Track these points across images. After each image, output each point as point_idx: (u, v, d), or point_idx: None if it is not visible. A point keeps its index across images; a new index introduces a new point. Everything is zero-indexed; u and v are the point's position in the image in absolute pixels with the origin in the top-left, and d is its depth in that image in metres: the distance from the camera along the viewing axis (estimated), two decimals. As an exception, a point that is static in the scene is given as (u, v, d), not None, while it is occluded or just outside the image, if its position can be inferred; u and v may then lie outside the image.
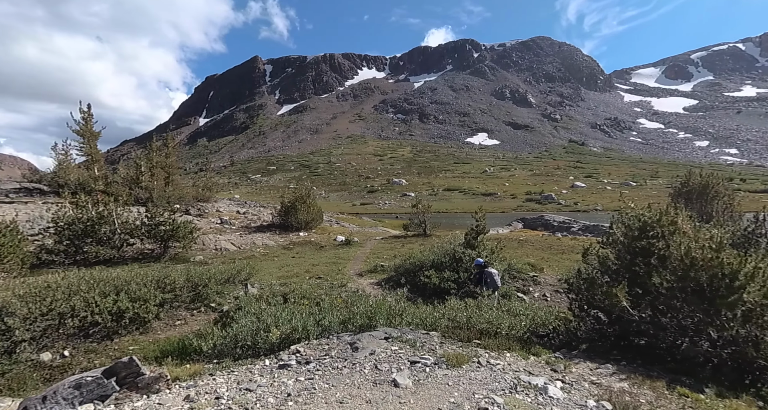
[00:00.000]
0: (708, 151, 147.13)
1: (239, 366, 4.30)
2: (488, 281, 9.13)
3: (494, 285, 9.14)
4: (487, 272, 9.26)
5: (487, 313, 6.33)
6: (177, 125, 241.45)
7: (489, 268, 9.43)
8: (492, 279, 9.13)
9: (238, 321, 5.87)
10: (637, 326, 6.17)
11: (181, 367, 4.28)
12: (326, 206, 69.66)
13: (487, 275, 9.18)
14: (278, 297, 8.61)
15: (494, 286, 9.14)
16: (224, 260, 14.54)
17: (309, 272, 13.30)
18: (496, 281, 9.18)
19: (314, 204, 22.23)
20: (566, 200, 69.67)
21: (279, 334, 5.10)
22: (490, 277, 9.14)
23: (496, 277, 9.19)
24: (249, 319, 5.72)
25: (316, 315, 6.09)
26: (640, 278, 6.57)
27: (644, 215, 7.02)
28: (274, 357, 4.65)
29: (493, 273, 9.22)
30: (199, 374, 4.02)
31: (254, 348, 5.10)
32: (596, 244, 8.22)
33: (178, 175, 23.78)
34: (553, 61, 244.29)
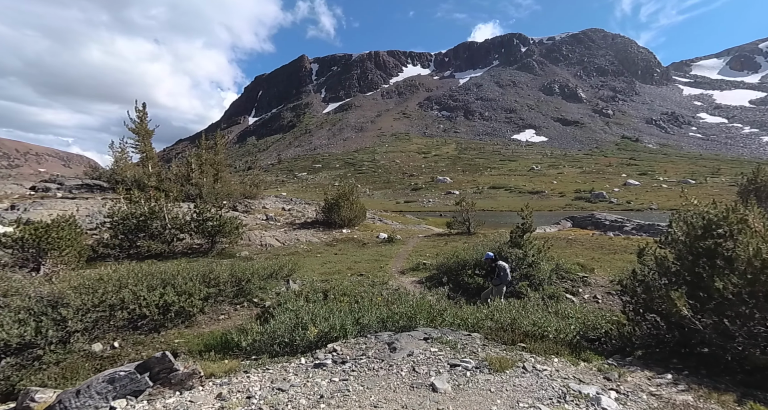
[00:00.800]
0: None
1: (275, 364, 4.21)
2: (501, 275, 8.94)
3: (505, 279, 8.96)
4: (499, 265, 9.06)
5: (533, 315, 5.92)
6: (228, 124, 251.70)
7: (500, 261, 9.24)
8: (504, 272, 8.96)
9: (276, 318, 5.82)
10: (699, 334, 5.56)
11: (218, 363, 4.26)
12: (370, 203, 70.14)
13: (500, 268, 8.99)
14: (318, 294, 8.57)
15: (505, 280, 8.97)
16: (268, 256, 14.81)
17: (351, 269, 13.25)
18: (507, 275, 9.00)
19: (357, 201, 22.26)
20: (618, 198, 65.99)
21: (317, 332, 4.99)
22: (503, 270, 8.96)
23: (508, 270, 9.02)
24: (287, 316, 5.66)
25: (355, 312, 5.94)
26: (704, 281, 5.92)
27: (709, 212, 6.32)
28: (311, 355, 4.53)
29: (504, 267, 9.03)
30: (234, 371, 3.97)
31: (291, 345, 5.01)
32: (653, 243, 7.56)
33: (227, 172, 24.58)
34: (605, 54, 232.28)
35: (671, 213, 8.07)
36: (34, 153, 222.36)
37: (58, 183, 20.65)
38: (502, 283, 8.94)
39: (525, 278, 9.83)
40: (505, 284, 8.98)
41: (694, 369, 5.26)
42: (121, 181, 19.69)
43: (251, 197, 28.06)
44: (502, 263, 9.15)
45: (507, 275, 8.98)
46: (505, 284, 8.99)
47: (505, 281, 8.96)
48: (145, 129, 19.97)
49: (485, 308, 6.61)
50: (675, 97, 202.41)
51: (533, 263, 10.15)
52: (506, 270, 8.98)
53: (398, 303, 6.15)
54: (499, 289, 8.95)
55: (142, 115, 19.81)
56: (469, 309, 6.71)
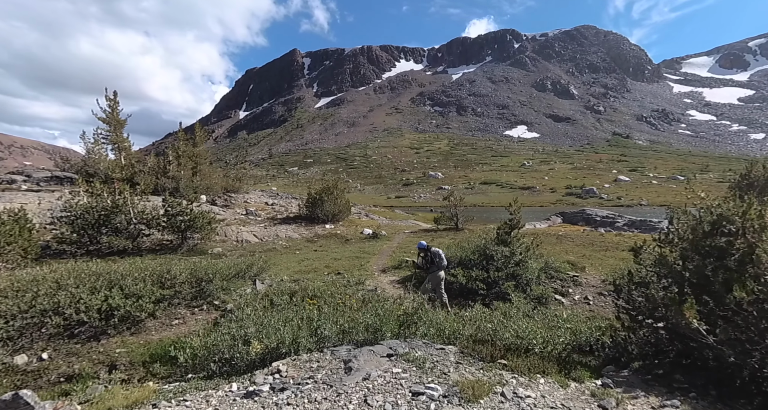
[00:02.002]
0: (764, 144, 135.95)
1: (197, 393, 3.43)
2: (436, 261, 8.87)
3: (441, 264, 8.85)
4: (433, 251, 9.01)
5: (518, 323, 5.19)
6: (218, 118, 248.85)
7: (434, 248, 9.14)
8: (439, 258, 8.87)
9: (220, 328, 5.03)
10: (710, 350, 4.89)
11: (126, 391, 3.47)
12: (361, 199, 69.57)
13: (434, 254, 8.94)
14: (285, 296, 7.79)
15: (441, 265, 8.85)
16: (243, 253, 13.99)
17: (329, 267, 12.49)
18: (443, 259, 8.89)
19: (342, 195, 21.45)
20: (609, 194, 65.90)
21: (260, 349, 4.21)
22: (438, 256, 8.89)
23: (442, 255, 8.92)
24: (232, 327, 4.86)
25: (315, 320, 5.18)
26: (713, 286, 5.25)
27: (721, 206, 5.64)
28: (248, 379, 3.76)
29: (438, 252, 8.95)
30: (139, 404, 3.18)
31: (231, 363, 4.23)
32: (652, 241, 6.89)
33: (207, 165, 23.62)
34: (597, 51, 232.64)
35: (666, 209, 7.48)
36: (19, 146, 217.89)
37: (25, 175, 19.60)
38: (438, 269, 8.82)
39: (512, 278, 9.13)
40: (441, 269, 8.85)
41: (703, 388, 4.57)
42: (93, 173, 18.69)
43: (234, 191, 27.13)
44: (435, 249, 9.07)
45: (442, 260, 8.87)
46: (441, 270, 8.86)
47: (441, 267, 8.84)
48: (117, 119, 18.91)
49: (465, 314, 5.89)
50: (665, 95, 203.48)
51: (521, 261, 9.45)
52: (440, 255, 8.88)
53: (364, 310, 5.38)
54: (435, 276, 8.85)
55: (113, 104, 18.73)
56: (447, 316, 5.98)
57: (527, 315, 5.97)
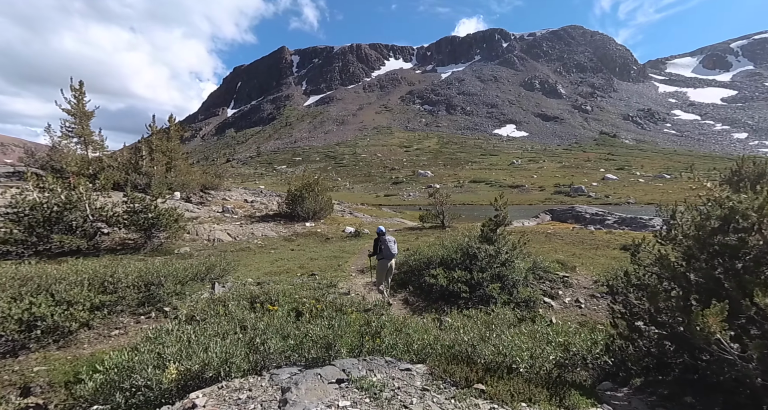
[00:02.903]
0: (746, 143, 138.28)
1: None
2: (382, 248, 8.70)
3: (386, 252, 8.65)
4: (381, 239, 8.83)
5: (501, 337, 4.40)
6: (206, 116, 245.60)
7: (386, 236, 8.94)
8: (385, 246, 8.69)
9: (139, 348, 4.15)
10: (730, 367, 4.17)
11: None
12: (350, 197, 68.65)
13: (381, 242, 8.78)
14: (243, 301, 6.93)
15: (386, 253, 8.65)
16: (213, 253, 13.06)
17: (303, 267, 11.64)
18: (388, 248, 8.66)
19: (324, 192, 20.56)
20: (597, 192, 66.01)
21: (176, 375, 3.36)
22: (384, 244, 8.72)
23: (390, 244, 8.72)
24: (148, 347, 3.99)
25: (261, 333, 4.34)
26: (725, 290, 4.54)
27: (732, 198, 4.93)
28: (153, 416, 2.92)
29: (386, 240, 8.77)
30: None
31: (139, 393, 3.38)
32: (652, 238, 6.18)
33: (182, 160, 22.54)
34: (584, 51, 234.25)
35: (655, 207, 6.88)
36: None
37: (-15, 171, 18.38)
38: (384, 257, 8.62)
39: (497, 280, 8.37)
40: (387, 258, 8.62)
41: (721, 415, 3.85)
42: (59, 168, 17.54)
43: (214, 189, 26.10)
44: (386, 236, 8.86)
45: (388, 248, 8.63)
46: (387, 258, 8.63)
47: (386, 255, 8.62)
48: (83, 110, 17.72)
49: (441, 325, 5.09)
50: (651, 95, 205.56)
51: (507, 261, 8.70)
52: (387, 244, 8.68)
53: (317, 320, 4.54)
54: (379, 263, 8.70)
55: (79, 95, 17.57)
56: (418, 326, 5.19)
57: (512, 324, 5.19)
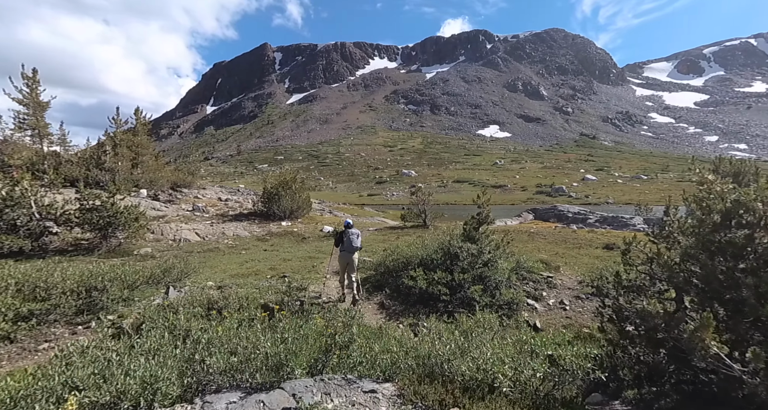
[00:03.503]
0: (717, 146, 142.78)
1: None
2: (344, 241, 8.50)
3: (349, 246, 8.42)
4: (346, 231, 8.63)
5: (480, 349, 3.78)
6: (184, 113, 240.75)
7: (352, 229, 8.76)
8: (348, 238, 8.49)
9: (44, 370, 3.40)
10: (733, 382, 3.65)
11: None
12: (333, 196, 67.77)
13: (345, 234, 8.58)
14: (197, 308, 6.17)
15: (349, 247, 8.41)
16: (177, 254, 12.20)
17: (274, 269, 10.89)
18: (351, 241, 8.46)
19: (301, 190, 19.76)
20: (577, 193, 66.83)
21: (77, 408, 2.63)
22: (347, 236, 8.52)
23: (353, 237, 8.53)
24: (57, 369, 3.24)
25: (204, 348, 3.64)
26: (729, 293, 4.03)
27: (738, 189, 4.42)
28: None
29: (350, 232, 8.58)
30: None
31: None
32: (644, 237, 5.68)
33: (150, 156, 21.43)
34: (566, 53, 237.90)
35: (635, 206, 6.43)
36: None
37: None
38: (345, 250, 8.39)
39: (479, 281, 7.79)
40: (348, 251, 8.38)
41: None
42: (10, 165, 16.29)
43: (186, 186, 25.01)
44: (351, 230, 8.66)
45: (350, 241, 8.43)
46: (348, 252, 8.37)
47: (347, 248, 8.39)
48: (36, 100, 16.47)
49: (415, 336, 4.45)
50: (629, 98, 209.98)
51: (489, 261, 8.14)
52: (349, 237, 8.48)
53: (267, 334, 3.84)
54: (342, 256, 8.46)
55: (32, 83, 16.32)
56: (391, 338, 4.54)
57: (495, 332, 4.58)
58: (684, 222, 5.11)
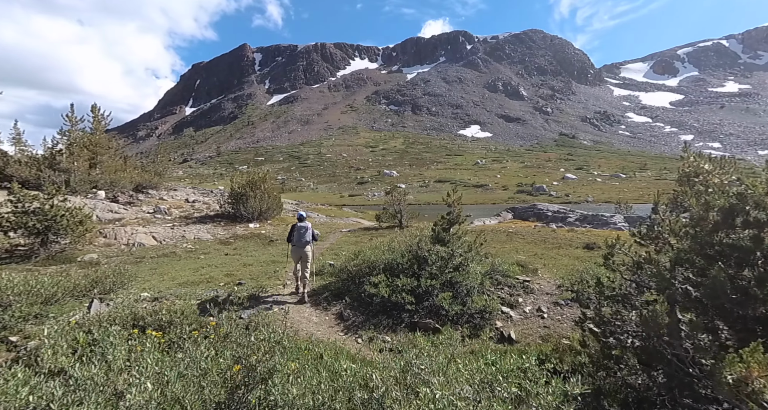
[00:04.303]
0: (692, 145, 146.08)
1: None
2: (293, 236, 8.22)
3: (299, 241, 8.17)
4: (296, 225, 8.34)
5: (430, 385, 2.97)
6: (162, 114, 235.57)
7: (304, 222, 8.45)
8: (298, 233, 8.22)
9: None
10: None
11: None
12: (314, 197, 66.66)
13: (296, 229, 8.30)
14: (116, 327, 5.24)
15: (299, 242, 8.17)
16: (126, 260, 11.16)
17: (231, 275, 9.96)
18: (301, 236, 8.19)
19: (271, 191, 18.78)
20: (557, 191, 67.23)
21: None
22: (297, 231, 8.25)
23: (303, 231, 8.22)
24: None
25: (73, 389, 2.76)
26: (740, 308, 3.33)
27: (743, 181, 3.76)
28: None
29: (300, 226, 8.28)
30: None
31: None
32: (629, 238, 5.02)
33: (110, 155, 20.15)
34: (545, 54, 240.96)
35: (615, 204, 5.77)
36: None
37: None
38: (295, 245, 8.17)
39: (449, 287, 7.04)
40: (297, 245, 8.15)
41: None
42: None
43: (153, 187, 23.75)
44: (301, 224, 8.34)
45: (299, 235, 8.17)
46: (297, 247, 8.16)
47: (296, 243, 8.15)
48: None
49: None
50: (606, 98, 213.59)
51: (461, 265, 7.40)
52: (299, 231, 8.19)
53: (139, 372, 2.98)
54: (292, 251, 8.25)
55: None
56: (335, 361, 3.71)
57: (449, 358, 3.79)
58: (676, 221, 4.46)
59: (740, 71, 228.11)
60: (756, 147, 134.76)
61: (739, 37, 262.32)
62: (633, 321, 4.56)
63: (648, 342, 3.54)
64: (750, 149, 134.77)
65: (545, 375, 3.07)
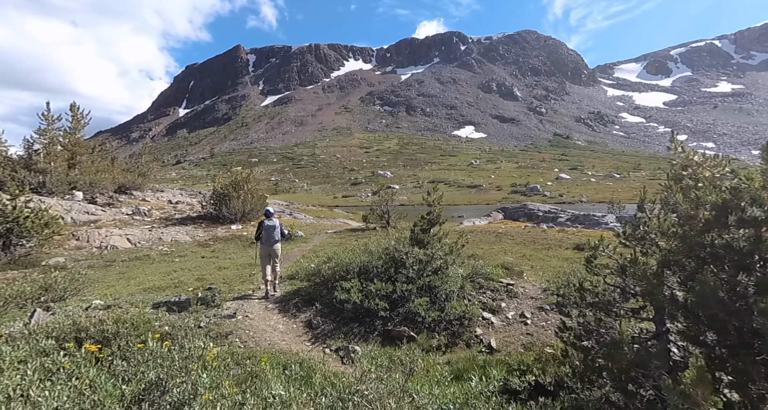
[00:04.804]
0: (686, 145, 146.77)
1: None
2: (261, 234, 8.07)
3: (266, 238, 8.00)
4: (264, 224, 8.15)
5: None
6: (156, 116, 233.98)
7: (272, 219, 8.25)
8: (266, 232, 8.04)
9: None
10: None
11: None
12: (307, 198, 66.06)
13: (263, 226, 8.12)
14: (50, 341, 4.74)
15: (267, 241, 7.99)
16: (94, 264, 10.63)
17: (202, 279, 9.47)
18: (270, 235, 7.99)
19: (255, 191, 18.26)
20: (552, 192, 66.99)
21: None
22: (264, 230, 8.06)
23: (271, 230, 8.00)
24: None
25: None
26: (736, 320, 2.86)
27: (737, 172, 3.30)
28: None
29: (267, 225, 8.07)
30: None
31: None
32: (614, 238, 4.59)
33: (89, 156, 19.56)
34: (539, 55, 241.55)
35: (608, 204, 5.39)
36: None
37: None
38: (263, 244, 8.02)
39: (426, 292, 6.59)
40: (265, 244, 7.99)
41: None
42: None
43: (136, 188, 23.17)
44: (269, 221, 8.14)
45: (267, 234, 8.00)
46: (265, 245, 7.98)
47: (265, 241, 7.99)
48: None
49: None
50: (600, 98, 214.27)
51: (440, 268, 6.95)
52: (267, 231, 7.99)
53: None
54: (260, 250, 8.11)
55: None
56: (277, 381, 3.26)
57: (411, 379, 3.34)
58: (664, 220, 4.03)
59: (733, 71, 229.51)
60: (749, 147, 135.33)
61: (731, 38, 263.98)
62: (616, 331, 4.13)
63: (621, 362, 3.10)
64: (743, 148, 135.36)
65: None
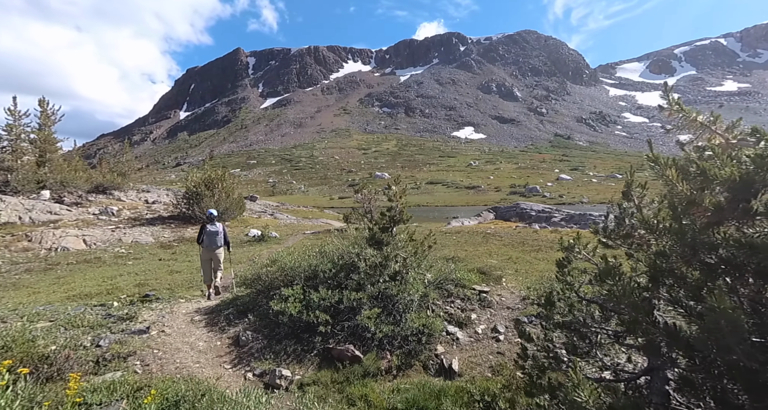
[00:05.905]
0: (690, 145, 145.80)
1: None
2: (202, 240, 7.75)
3: (207, 242, 7.71)
4: (205, 228, 7.77)
5: None
6: (157, 119, 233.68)
7: (215, 224, 7.86)
8: (208, 236, 7.72)
9: None
10: None
11: None
12: (303, 199, 65.22)
13: (204, 232, 7.77)
14: None
15: (207, 243, 7.72)
16: (30, 267, 9.64)
17: (143, 285, 8.46)
18: (211, 240, 7.71)
19: (231, 189, 17.26)
20: (551, 192, 65.84)
21: None
22: (206, 235, 7.73)
23: (213, 236, 7.70)
24: None
25: None
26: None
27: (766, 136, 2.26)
28: None
29: (208, 230, 7.71)
30: None
31: None
32: (592, 236, 3.59)
33: (59, 153, 18.59)
34: (539, 55, 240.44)
35: (608, 204, 4.44)
36: None
37: None
38: (204, 248, 7.72)
39: (380, 301, 5.56)
40: (206, 248, 7.70)
41: None
42: None
43: (116, 188, 22.21)
44: (210, 225, 7.74)
45: (210, 240, 7.70)
46: (206, 249, 7.69)
47: (205, 245, 7.70)
48: None
49: None
50: (602, 98, 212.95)
51: (398, 273, 5.92)
52: (210, 235, 7.66)
53: None
54: (202, 254, 7.79)
55: None
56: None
57: None
58: (657, 211, 3.00)
59: (739, 70, 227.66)
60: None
61: (737, 36, 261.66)
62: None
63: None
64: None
65: None
